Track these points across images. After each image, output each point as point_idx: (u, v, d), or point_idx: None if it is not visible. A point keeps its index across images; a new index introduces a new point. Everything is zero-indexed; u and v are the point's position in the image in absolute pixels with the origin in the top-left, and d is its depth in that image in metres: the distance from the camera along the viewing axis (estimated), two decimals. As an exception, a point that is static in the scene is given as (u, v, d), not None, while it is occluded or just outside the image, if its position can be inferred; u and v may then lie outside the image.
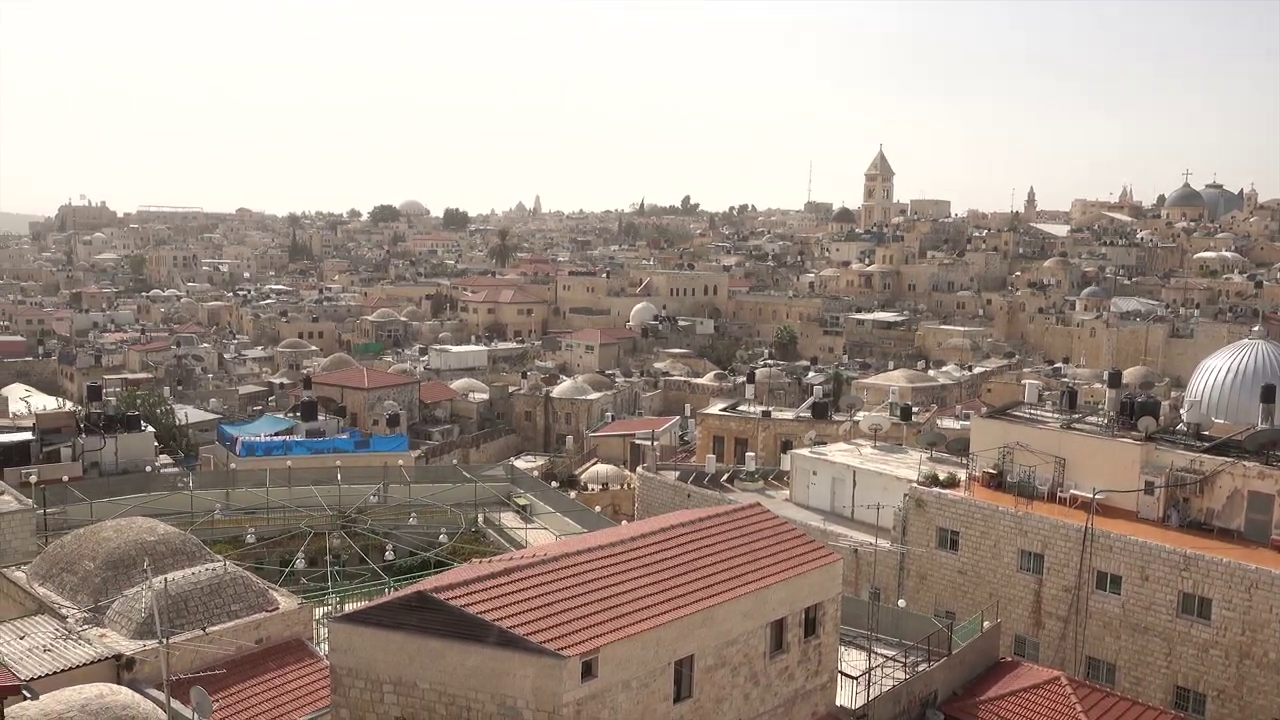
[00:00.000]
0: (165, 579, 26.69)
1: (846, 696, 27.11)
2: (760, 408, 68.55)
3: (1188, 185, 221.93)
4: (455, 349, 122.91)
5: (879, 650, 29.51)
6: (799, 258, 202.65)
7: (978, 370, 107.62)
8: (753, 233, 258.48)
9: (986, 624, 32.68)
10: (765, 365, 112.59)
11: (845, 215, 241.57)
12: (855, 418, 59.95)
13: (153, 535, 30.18)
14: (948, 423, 67.45)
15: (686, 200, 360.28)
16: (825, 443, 54.05)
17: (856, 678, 27.57)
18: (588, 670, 19.88)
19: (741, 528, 26.60)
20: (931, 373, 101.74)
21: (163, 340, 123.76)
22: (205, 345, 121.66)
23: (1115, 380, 48.32)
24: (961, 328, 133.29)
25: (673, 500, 49.83)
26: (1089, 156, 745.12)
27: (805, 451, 50.74)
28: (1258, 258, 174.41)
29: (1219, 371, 53.36)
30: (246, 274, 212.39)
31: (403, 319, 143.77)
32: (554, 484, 58.42)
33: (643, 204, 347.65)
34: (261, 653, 27.18)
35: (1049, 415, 45.06)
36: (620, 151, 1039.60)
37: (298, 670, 26.95)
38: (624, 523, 43.28)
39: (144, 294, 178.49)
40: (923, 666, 29.24)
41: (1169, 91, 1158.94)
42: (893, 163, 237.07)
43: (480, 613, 20.06)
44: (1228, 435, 40.89)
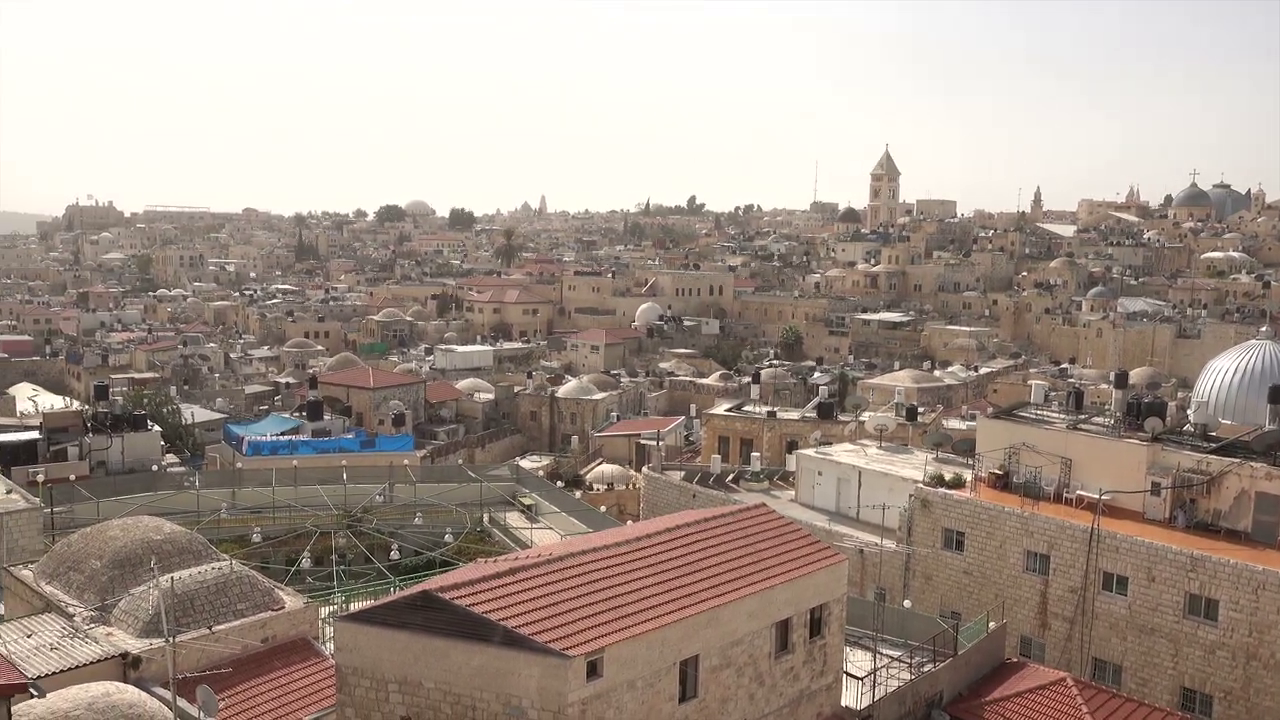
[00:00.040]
0: (172, 578, 26.78)
1: (852, 697, 27.08)
2: (765, 408, 68.45)
3: (1195, 185, 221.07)
4: (461, 349, 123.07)
5: (884, 651, 29.47)
6: (805, 258, 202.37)
7: (983, 371, 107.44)
8: (758, 233, 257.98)
9: (992, 625, 32.62)
10: (770, 365, 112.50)
11: (851, 215, 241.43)
12: (861, 418, 59.93)
13: (159, 534, 30.22)
14: (953, 423, 67.31)
15: (692, 200, 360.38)
16: (830, 443, 54.02)
17: (862, 678, 27.53)
18: (593, 670, 19.87)
19: (747, 528, 26.59)
20: (937, 373, 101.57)
21: (169, 340, 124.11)
22: (211, 345, 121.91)
23: (1122, 381, 48.25)
24: (967, 328, 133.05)
25: (678, 500, 49.81)
26: (1096, 157, 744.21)
27: (810, 452, 50.70)
28: (1265, 258, 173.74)
29: (1226, 372, 53.31)
30: (253, 274, 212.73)
31: (408, 319, 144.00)
32: (559, 484, 58.47)
33: (648, 204, 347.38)
34: (267, 652, 27.23)
35: (1055, 416, 44.96)
36: (626, 152, 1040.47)
37: (303, 669, 26.98)
38: (629, 523, 43.30)
39: (151, 294, 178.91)
40: (928, 667, 29.20)
41: (1176, 91, 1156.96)
42: (899, 163, 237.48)
43: (485, 612, 20.07)
44: (1235, 436, 40.79)
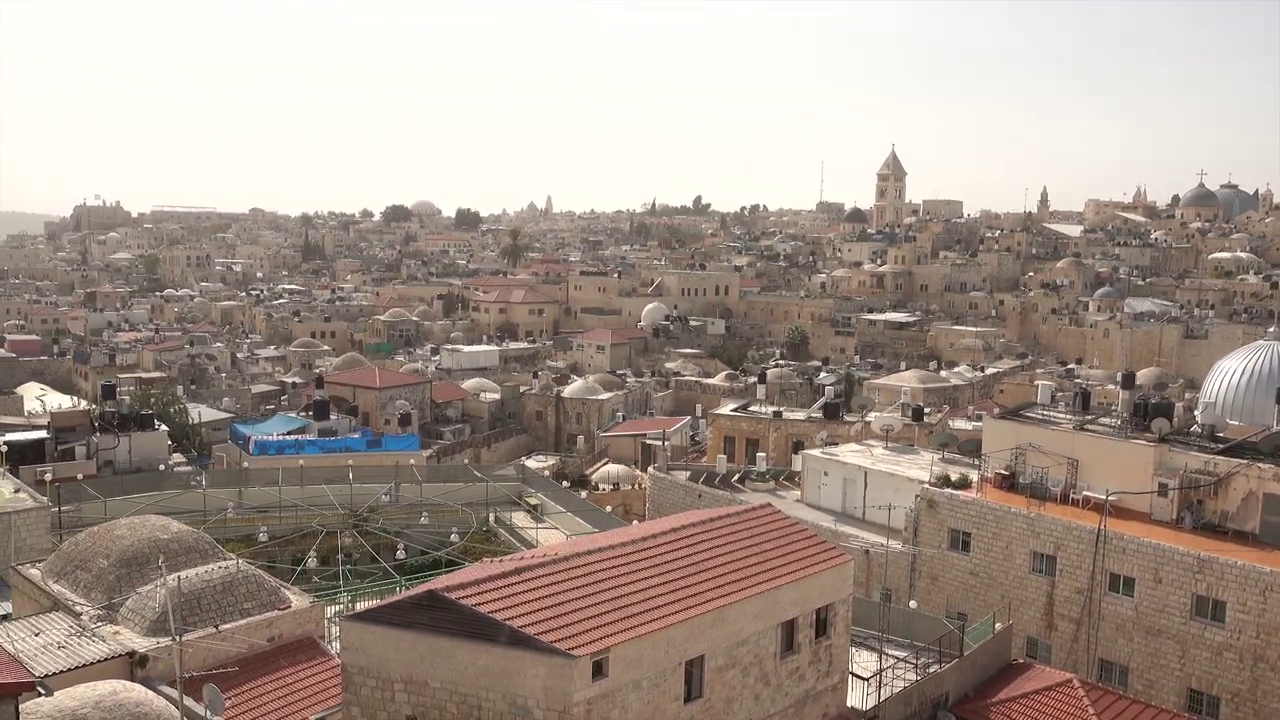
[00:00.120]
0: (178, 577, 26.84)
1: (857, 697, 27.07)
2: (771, 408, 68.36)
3: (1202, 185, 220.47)
4: (467, 349, 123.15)
5: (890, 651, 29.46)
6: (811, 258, 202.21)
7: (990, 371, 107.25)
8: (764, 233, 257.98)
9: (998, 626, 32.56)
10: (776, 366, 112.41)
11: (857, 215, 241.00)
12: (867, 418, 59.84)
13: (166, 533, 30.28)
14: (960, 424, 67.18)
15: (698, 200, 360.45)
16: (837, 443, 53.94)
17: (868, 679, 27.51)
18: (598, 670, 19.89)
19: (752, 528, 26.59)
20: (944, 373, 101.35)
21: (176, 339, 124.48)
22: (218, 345, 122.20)
23: (1129, 381, 48.26)
24: (974, 328, 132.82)
25: (684, 500, 49.80)
26: (1103, 157, 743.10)
27: (816, 452, 50.64)
28: (1273, 258, 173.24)
29: (1234, 373, 53.17)
30: (259, 274, 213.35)
31: (415, 319, 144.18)
32: (565, 484, 58.43)
33: (654, 204, 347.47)
34: (274, 651, 27.27)
35: (1062, 416, 44.90)
36: (632, 152, 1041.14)
37: (309, 668, 27.01)
38: (635, 523, 43.26)
39: (158, 293, 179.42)
40: (934, 668, 29.16)
41: (1183, 91, 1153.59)
42: (905, 163, 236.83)
43: (491, 612, 20.09)
44: (1242, 437, 40.72)
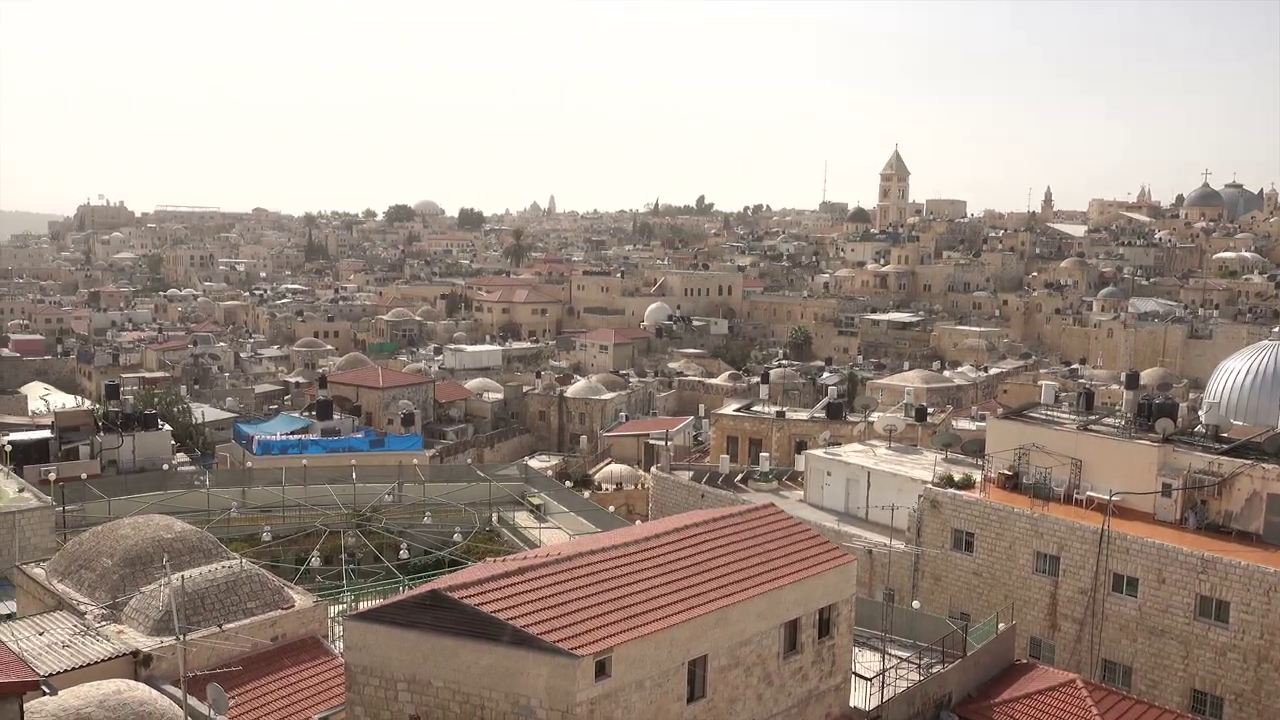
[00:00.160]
0: (182, 576, 26.86)
1: (860, 698, 27.06)
2: (774, 408, 68.40)
3: (1207, 185, 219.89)
4: (470, 349, 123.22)
5: (893, 652, 29.46)
6: (814, 258, 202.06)
7: (993, 371, 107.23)
8: (767, 233, 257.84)
9: (1001, 626, 32.54)
10: (780, 366, 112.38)
11: (860, 215, 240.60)
12: (870, 418, 59.83)
13: (170, 533, 30.35)
14: (963, 424, 67.19)
15: (701, 200, 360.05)
16: (840, 443, 53.92)
17: (870, 679, 27.50)
18: (601, 670, 19.89)
19: (755, 528, 26.58)
20: (947, 373, 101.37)
21: (180, 339, 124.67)
22: (222, 344, 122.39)
23: (1133, 382, 48.11)
24: (977, 328, 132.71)
25: (687, 500, 49.79)
26: (1107, 156, 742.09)
27: (820, 452, 50.62)
28: (1278, 258, 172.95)
29: (1238, 373, 53.01)
30: (263, 273, 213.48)
31: (418, 319, 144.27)
32: (568, 484, 58.49)
33: (657, 204, 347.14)
34: (277, 650, 27.31)
35: (1065, 416, 44.84)
36: (634, 151, 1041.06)
37: (313, 668, 27.07)
38: (638, 523, 43.31)
39: (161, 293, 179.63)
40: (937, 668, 29.14)
41: (1188, 90, 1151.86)
42: (908, 163, 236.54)
43: (494, 612, 20.10)
44: (1247, 437, 40.63)
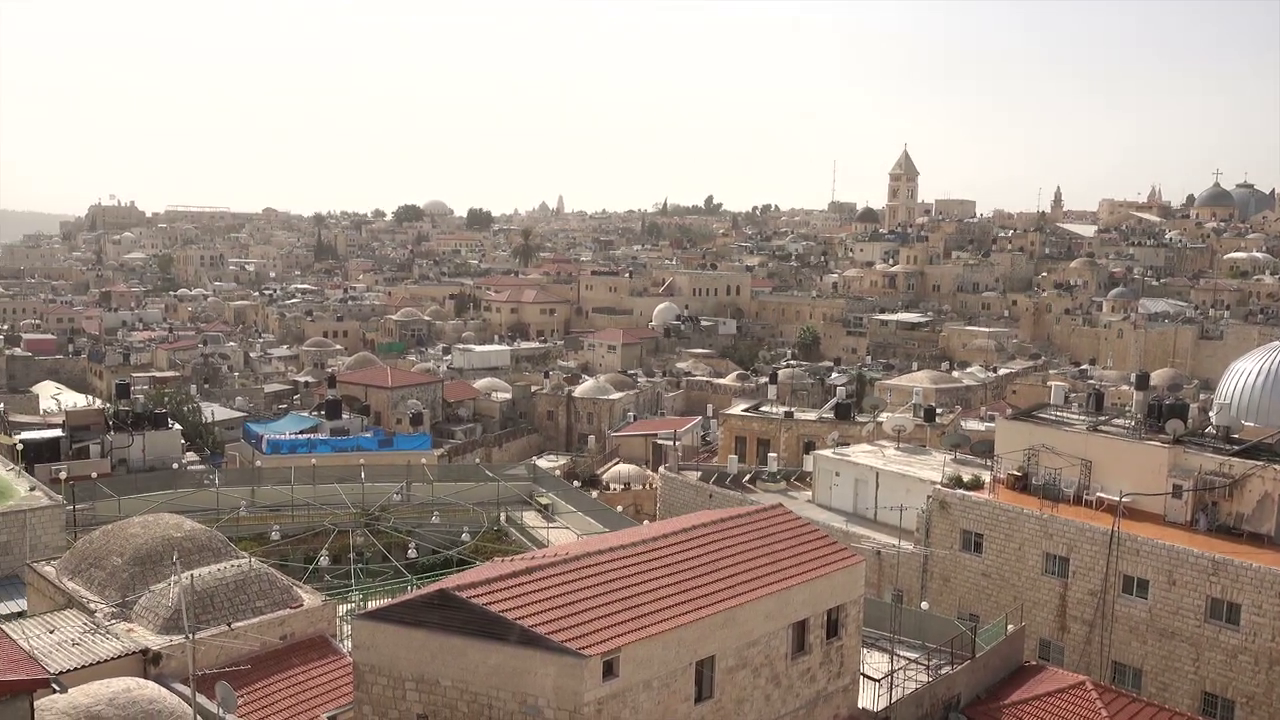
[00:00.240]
0: (192, 575, 26.99)
1: (869, 699, 26.98)
2: (783, 408, 68.26)
3: (1218, 185, 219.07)
4: (478, 348, 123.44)
5: (902, 653, 29.38)
6: (822, 258, 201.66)
7: (1003, 372, 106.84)
8: (776, 233, 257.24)
9: (1011, 627, 32.42)
10: (788, 366, 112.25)
11: (869, 215, 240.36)
12: (878, 419, 59.70)
13: (179, 532, 30.45)
14: (972, 424, 66.88)
15: (709, 200, 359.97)
16: (848, 444, 53.82)
17: (879, 680, 27.43)
18: (609, 669, 19.89)
19: (764, 528, 26.54)
20: (956, 374, 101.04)
21: (190, 339, 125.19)
22: (231, 344, 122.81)
23: (1143, 382, 48.02)
24: (986, 329, 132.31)
25: (694, 500, 49.75)
26: (1117, 156, 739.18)
27: (828, 453, 50.54)
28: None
29: (1249, 374, 52.73)
30: (272, 273, 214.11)
31: (426, 318, 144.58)
32: (576, 483, 58.56)
33: (665, 204, 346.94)
34: (286, 649, 27.39)
35: (1075, 417, 44.67)
36: (643, 152, 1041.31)
37: (321, 666, 27.14)
38: (646, 523, 43.28)
39: (172, 293, 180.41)
40: (946, 669, 29.05)
41: (1198, 90, 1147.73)
42: (917, 163, 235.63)
43: (502, 611, 20.11)
44: (1258, 438, 40.45)
